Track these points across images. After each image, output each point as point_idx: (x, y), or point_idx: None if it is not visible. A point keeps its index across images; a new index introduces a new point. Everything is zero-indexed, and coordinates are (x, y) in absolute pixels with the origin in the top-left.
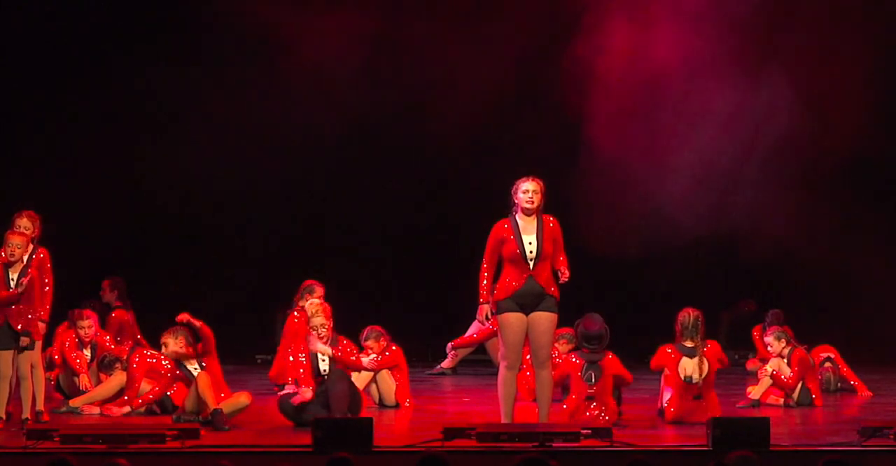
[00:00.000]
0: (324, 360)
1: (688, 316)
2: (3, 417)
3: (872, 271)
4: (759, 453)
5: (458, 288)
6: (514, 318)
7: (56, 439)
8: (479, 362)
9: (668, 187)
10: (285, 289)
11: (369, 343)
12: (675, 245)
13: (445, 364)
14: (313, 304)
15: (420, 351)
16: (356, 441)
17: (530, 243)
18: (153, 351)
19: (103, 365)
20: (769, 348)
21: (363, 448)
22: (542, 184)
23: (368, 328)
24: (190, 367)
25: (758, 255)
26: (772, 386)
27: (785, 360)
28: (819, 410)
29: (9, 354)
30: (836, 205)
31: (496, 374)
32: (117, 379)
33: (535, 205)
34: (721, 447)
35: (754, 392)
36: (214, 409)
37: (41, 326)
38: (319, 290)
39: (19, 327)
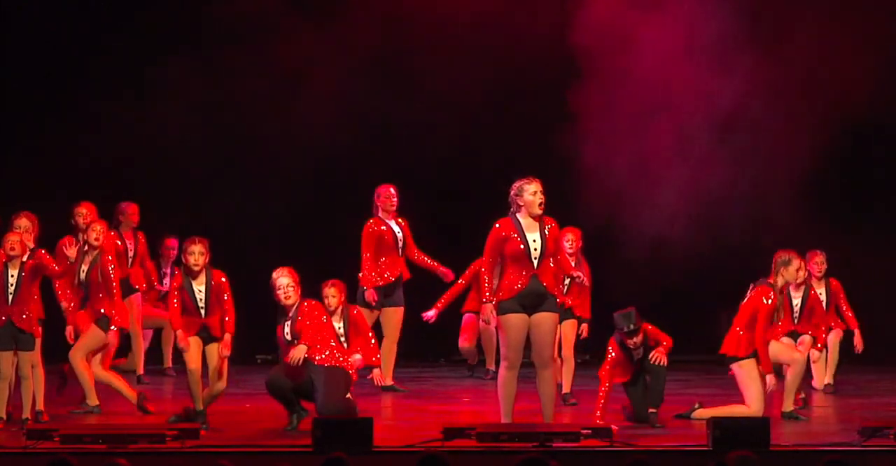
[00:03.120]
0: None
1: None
2: (3, 417)
3: (873, 271)
4: (759, 453)
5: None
6: (516, 319)
7: (56, 439)
8: (479, 362)
9: (668, 183)
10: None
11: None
12: (675, 242)
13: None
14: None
15: (420, 350)
16: (356, 441)
17: (534, 241)
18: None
19: None
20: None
21: (363, 448)
22: (541, 184)
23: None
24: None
25: (758, 255)
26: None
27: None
28: (819, 410)
29: (9, 355)
30: (836, 203)
31: (496, 374)
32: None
33: (543, 206)
34: (721, 447)
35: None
36: (199, 410)
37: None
38: None
39: (30, 323)
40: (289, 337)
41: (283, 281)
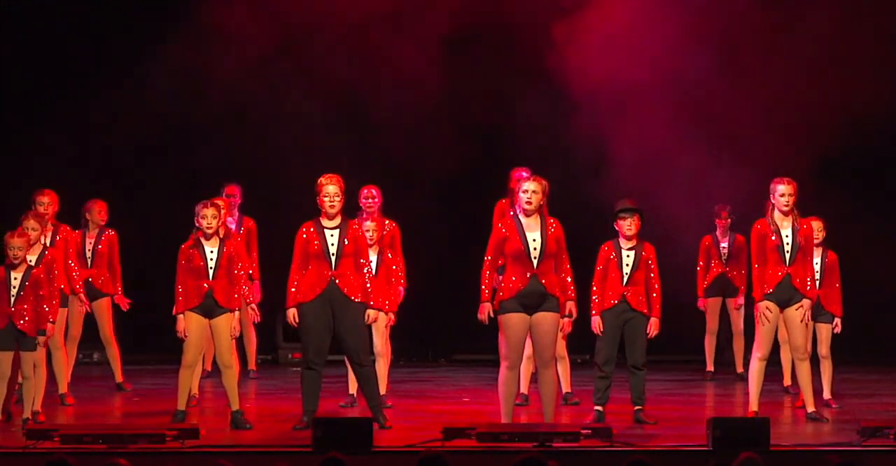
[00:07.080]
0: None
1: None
2: (3, 417)
3: (873, 270)
4: (759, 453)
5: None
6: (517, 319)
7: (56, 439)
8: (478, 362)
9: (670, 177)
10: (284, 290)
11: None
12: (675, 237)
13: None
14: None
15: (420, 350)
16: (356, 441)
17: (534, 240)
18: None
19: None
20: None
21: (363, 448)
22: (543, 183)
23: None
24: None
25: None
26: None
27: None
28: (819, 410)
29: (9, 355)
30: (836, 201)
31: (496, 374)
32: None
33: (533, 205)
34: (721, 447)
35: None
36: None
37: (49, 327)
38: None
39: (32, 329)
40: (334, 249)
41: (331, 190)
